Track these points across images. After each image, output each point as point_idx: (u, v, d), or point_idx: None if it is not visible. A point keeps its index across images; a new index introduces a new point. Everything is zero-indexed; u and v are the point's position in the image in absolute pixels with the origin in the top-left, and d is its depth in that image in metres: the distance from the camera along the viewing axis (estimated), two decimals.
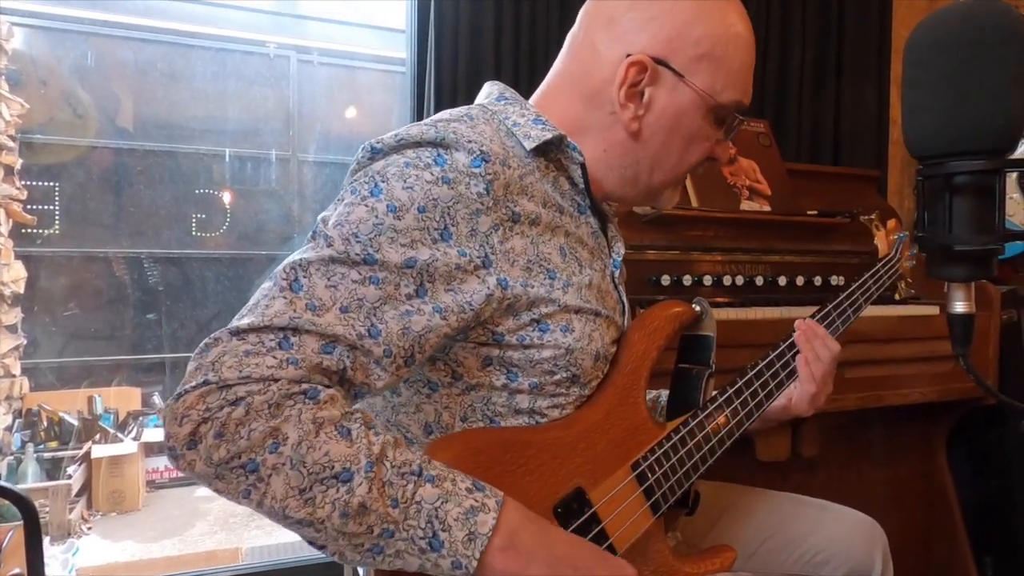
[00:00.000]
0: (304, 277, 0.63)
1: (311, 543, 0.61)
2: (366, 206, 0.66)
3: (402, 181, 0.66)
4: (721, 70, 0.78)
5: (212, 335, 0.60)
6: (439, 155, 0.68)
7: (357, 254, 0.64)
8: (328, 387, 0.61)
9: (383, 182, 0.67)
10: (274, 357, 0.58)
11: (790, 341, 0.94)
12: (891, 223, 1.14)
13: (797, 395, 0.94)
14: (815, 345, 0.93)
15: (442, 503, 0.60)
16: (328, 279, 0.63)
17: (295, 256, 0.65)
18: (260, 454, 0.56)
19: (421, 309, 0.65)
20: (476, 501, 0.61)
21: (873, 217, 1.14)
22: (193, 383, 0.56)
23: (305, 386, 0.59)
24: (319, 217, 0.69)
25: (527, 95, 0.87)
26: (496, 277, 0.68)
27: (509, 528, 0.61)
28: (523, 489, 0.68)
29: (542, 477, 0.71)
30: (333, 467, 0.57)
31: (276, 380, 0.57)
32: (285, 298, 0.61)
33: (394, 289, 0.64)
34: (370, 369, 0.64)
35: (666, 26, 0.77)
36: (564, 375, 0.74)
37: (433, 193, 0.66)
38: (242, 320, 0.60)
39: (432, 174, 0.67)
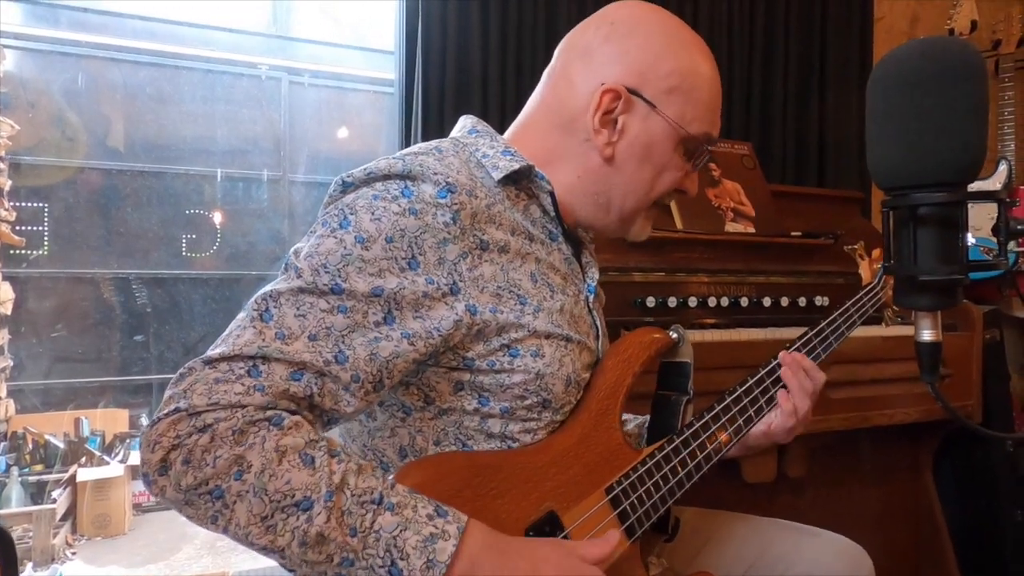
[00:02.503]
0: (274, 307, 0.65)
1: (284, 568, 0.62)
2: (335, 238, 0.68)
3: (370, 213, 0.69)
4: (690, 103, 0.82)
5: (186, 365, 0.62)
6: (406, 187, 0.70)
7: (325, 284, 0.66)
8: (294, 413, 0.62)
9: (352, 214, 0.69)
10: (242, 384, 0.60)
11: (769, 368, 0.95)
12: (876, 252, 1.15)
13: (776, 425, 0.94)
14: (800, 378, 0.93)
15: (401, 531, 0.60)
16: (297, 309, 0.65)
17: (267, 288, 0.67)
18: (225, 481, 0.57)
19: (389, 335, 0.67)
20: (436, 528, 0.61)
21: (857, 247, 1.15)
22: (166, 411, 0.59)
23: (270, 412, 0.60)
24: (292, 249, 0.71)
25: (513, 117, 0.91)
26: (465, 303, 0.70)
27: (469, 555, 0.62)
28: (494, 512, 0.69)
29: (513, 501, 0.71)
30: (294, 495, 0.58)
31: (243, 407, 0.59)
32: (255, 328, 0.63)
33: (362, 317, 0.66)
34: (339, 395, 0.65)
35: (639, 59, 0.81)
36: (535, 400, 0.75)
37: (400, 224, 0.68)
38: (215, 350, 0.63)
39: (399, 205, 0.69)
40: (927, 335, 0.67)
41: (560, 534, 0.73)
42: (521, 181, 0.81)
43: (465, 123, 0.88)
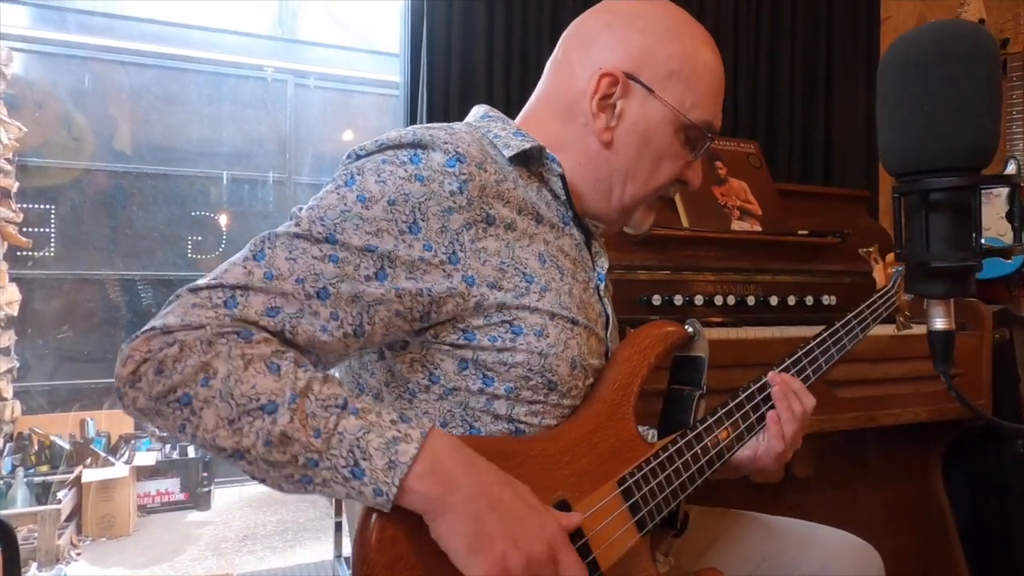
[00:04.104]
0: (268, 249, 0.66)
1: (252, 477, 0.63)
2: (338, 194, 0.69)
3: (376, 175, 0.70)
4: (690, 89, 0.81)
5: (176, 292, 0.64)
6: (415, 154, 0.71)
7: (319, 232, 0.67)
8: (264, 334, 0.63)
9: (359, 175, 0.70)
10: (215, 310, 0.62)
11: (784, 367, 0.93)
12: (890, 257, 1.14)
13: (763, 450, 0.89)
14: (791, 402, 0.88)
15: (364, 433, 0.61)
16: (289, 252, 0.66)
17: (268, 231, 0.68)
18: (193, 388, 0.59)
19: (377, 288, 0.67)
20: (399, 432, 0.62)
21: (872, 250, 1.13)
22: (143, 329, 0.61)
23: (239, 327, 0.62)
24: (297, 205, 0.71)
25: (515, 118, 0.90)
26: (462, 274, 0.70)
27: (431, 456, 0.62)
28: None
29: None
30: (259, 399, 0.59)
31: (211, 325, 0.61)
32: (246, 267, 0.65)
33: (353, 269, 0.67)
34: (314, 334, 0.65)
35: (638, 44, 0.81)
36: (539, 380, 0.75)
37: (405, 188, 0.69)
38: (203, 280, 0.64)
39: (406, 171, 0.70)
40: (940, 323, 0.66)
41: None
42: (532, 164, 0.81)
43: (478, 110, 0.88)
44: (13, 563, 1.14)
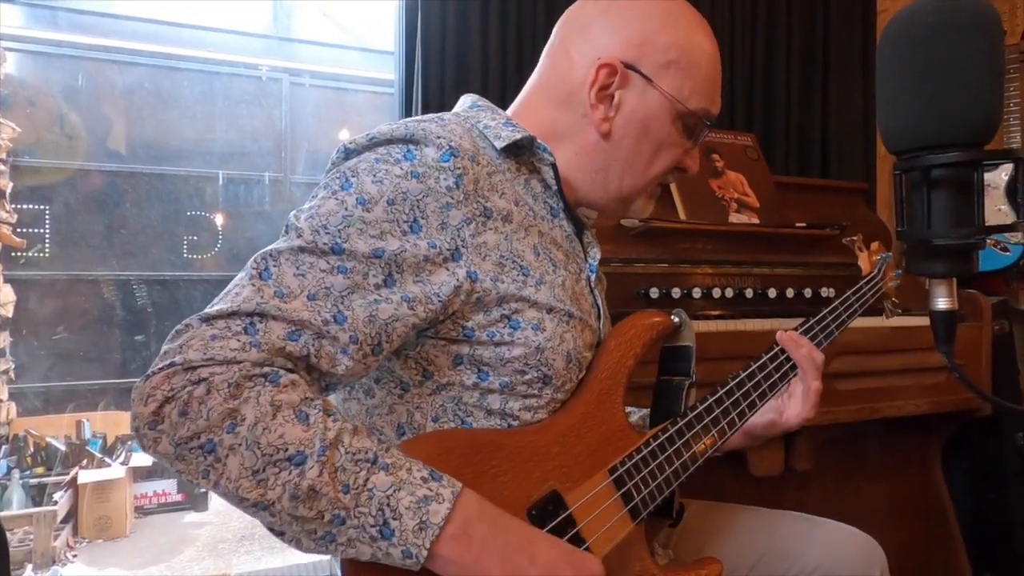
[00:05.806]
0: (274, 266, 0.64)
1: (270, 529, 0.61)
2: (336, 199, 0.67)
3: (372, 175, 0.68)
4: (688, 77, 0.81)
5: (184, 321, 0.61)
6: (409, 150, 0.69)
7: (325, 243, 0.65)
8: (291, 372, 0.61)
9: (354, 176, 0.68)
10: (238, 340, 0.59)
11: (772, 354, 0.93)
12: (874, 245, 1.15)
13: (791, 406, 0.92)
14: (805, 352, 0.92)
15: (394, 491, 0.59)
16: (297, 268, 0.64)
17: (267, 248, 0.66)
18: (218, 434, 0.56)
19: (389, 298, 0.66)
20: (430, 491, 0.60)
21: (856, 239, 1.14)
22: (161, 365, 0.58)
23: (267, 369, 0.59)
24: (292, 212, 0.69)
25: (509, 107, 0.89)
26: (466, 269, 0.69)
27: (463, 519, 0.60)
28: (496, 491, 0.67)
29: (516, 479, 0.69)
30: (287, 449, 0.57)
31: (239, 362, 0.58)
32: (254, 286, 0.62)
33: (362, 279, 0.65)
34: (336, 357, 0.64)
35: (636, 33, 0.80)
36: (535, 375, 0.74)
37: (402, 187, 0.67)
38: (213, 307, 0.62)
39: (401, 168, 0.68)
40: (942, 303, 0.65)
41: (563, 513, 0.71)
42: (522, 154, 0.80)
43: (465, 100, 0.87)
44: (3, 564, 1.12)
